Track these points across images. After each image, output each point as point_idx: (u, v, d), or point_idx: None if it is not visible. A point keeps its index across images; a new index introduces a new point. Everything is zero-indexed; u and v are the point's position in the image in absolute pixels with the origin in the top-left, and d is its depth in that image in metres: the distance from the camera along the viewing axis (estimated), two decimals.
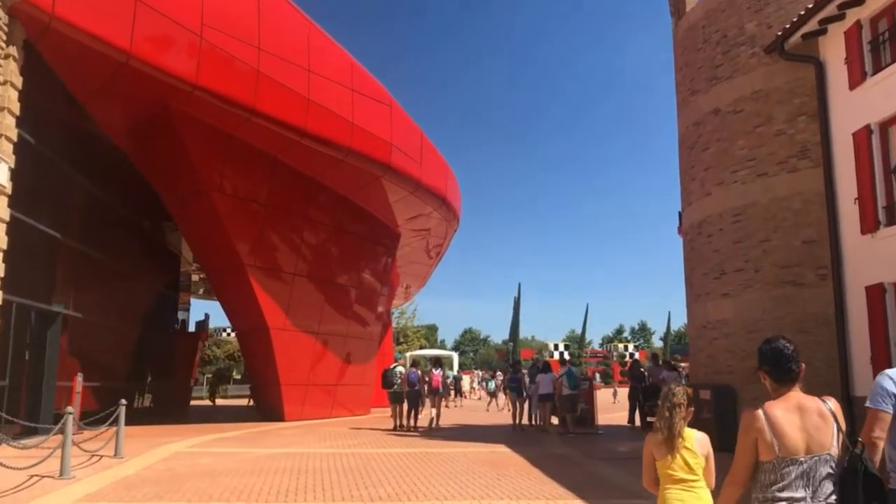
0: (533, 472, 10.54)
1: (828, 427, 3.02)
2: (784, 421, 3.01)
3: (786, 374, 3.12)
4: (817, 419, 3.03)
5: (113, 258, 19.72)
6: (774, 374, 3.14)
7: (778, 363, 3.12)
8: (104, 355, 19.72)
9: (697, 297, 14.58)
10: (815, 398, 3.11)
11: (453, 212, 24.58)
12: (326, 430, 17.65)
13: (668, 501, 3.89)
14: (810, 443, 2.99)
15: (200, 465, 10.90)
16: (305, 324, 20.68)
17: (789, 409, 3.04)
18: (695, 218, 14.75)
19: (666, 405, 3.98)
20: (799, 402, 3.07)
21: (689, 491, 3.86)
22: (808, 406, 3.06)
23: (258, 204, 18.84)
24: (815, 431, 3.00)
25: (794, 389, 3.11)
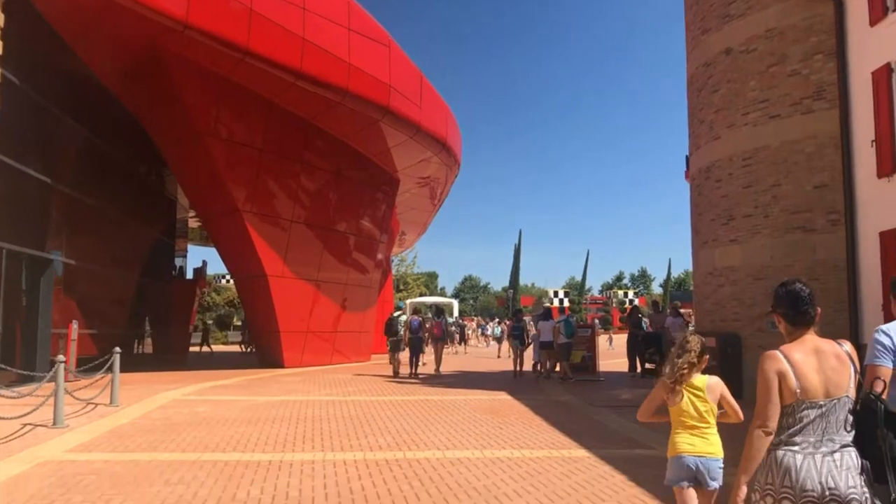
0: (535, 419, 10.38)
1: (845, 369, 3.00)
2: (804, 363, 2.97)
3: (802, 316, 3.07)
4: (834, 361, 3.00)
5: (108, 204, 19.34)
6: (790, 318, 3.09)
7: (795, 306, 3.07)
8: (101, 302, 19.51)
9: (704, 243, 14.25)
10: (831, 341, 3.07)
11: (454, 157, 24.06)
12: (326, 377, 17.55)
13: (677, 445, 4.02)
14: (829, 385, 2.96)
15: (197, 414, 10.73)
16: (304, 271, 20.41)
17: (807, 353, 3.00)
18: (703, 162, 14.33)
19: (678, 352, 4.07)
20: (815, 346, 3.03)
21: (700, 437, 3.98)
22: (825, 349, 3.03)
23: (254, 149, 18.38)
24: (833, 374, 2.98)
25: (809, 333, 3.07)
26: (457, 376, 18.50)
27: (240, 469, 6.96)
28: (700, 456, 3.97)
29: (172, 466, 7.04)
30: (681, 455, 4.01)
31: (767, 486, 2.96)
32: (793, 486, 2.86)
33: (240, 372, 18.58)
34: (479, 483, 6.42)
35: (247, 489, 6.18)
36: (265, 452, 7.83)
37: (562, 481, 6.50)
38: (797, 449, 2.92)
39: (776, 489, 2.92)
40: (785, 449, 2.95)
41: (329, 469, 7.00)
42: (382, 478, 6.64)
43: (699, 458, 3.96)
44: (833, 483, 2.84)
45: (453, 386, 15.45)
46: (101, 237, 19.22)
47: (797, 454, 2.91)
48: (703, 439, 3.99)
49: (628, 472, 6.84)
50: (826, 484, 2.84)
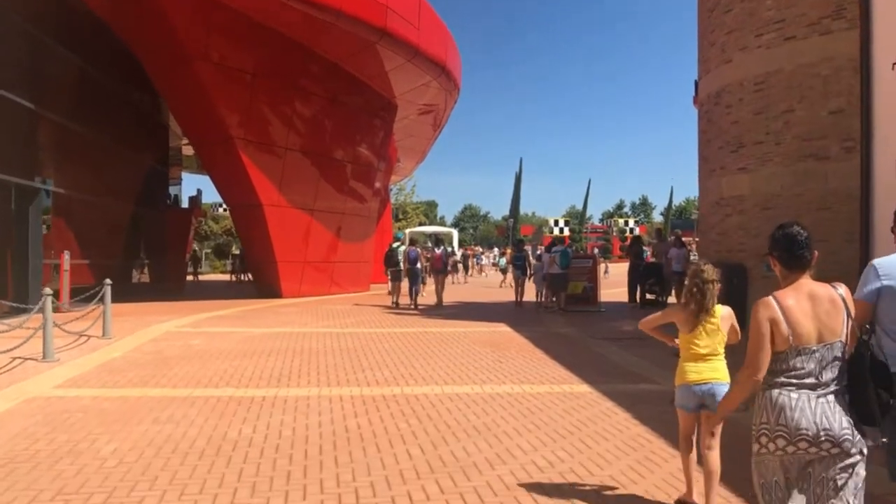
0: (535, 353, 10.19)
1: (839, 314, 2.97)
2: (797, 310, 2.94)
3: (797, 260, 3.03)
4: (828, 306, 2.97)
5: (98, 132, 18.76)
6: (785, 261, 3.06)
7: (790, 249, 3.04)
8: (95, 232, 19.15)
9: (711, 172, 13.81)
10: (826, 285, 3.03)
11: (453, 81, 23.25)
12: (324, 307, 17.38)
13: (686, 373, 4.15)
14: (822, 330, 2.94)
15: (191, 347, 10.53)
16: (300, 200, 20.00)
17: (801, 298, 2.97)
18: (713, 87, 13.74)
19: (696, 282, 4.11)
20: (810, 290, 2.99)
21: (708, 364, 4.11)
22: (820, 293, 2.99)
23: (246, 73, 17.70)
24: (827, 318, 2.95)
25: (804, 277, 3.03)
26: (457, 307, 18.34)
27: (232, 406, 6.75)
28: (707, 383, 4.08)
29: (162, 403, 6.83)
30: (689, 384, 4.14)
31: (762, 425, 2.96)
32: (787, 425, 2.87)
33: (237, 302, 18.40)
34: (478, 421, 6.21)
35: (238, 428, 5.97)
36: (259, 388, 7.62)
37: (564, 419, 6.30)
38: (792, 389, 2.92)
39: (771, 428, 2.92)
40: (779, 389, 2.94)
41: (324, 406, 6.79)
42: (379, 415, 6.43)
43: (707, 385, 4.08)
44: (827, 424, 2.85)
45: (453, 318, 15.28)
46: (92, 166, 18.72)
47: (791, 393, 2.91)
48: (710, 366, 4.10)
49: (632, 410, 6.64)
50: (820, 424, 2.85)
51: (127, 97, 20.91)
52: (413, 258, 18.33)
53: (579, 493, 4.45)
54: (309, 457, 5.16)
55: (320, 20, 17.00)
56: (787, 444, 2.89)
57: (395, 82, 21.72)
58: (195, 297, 20.93)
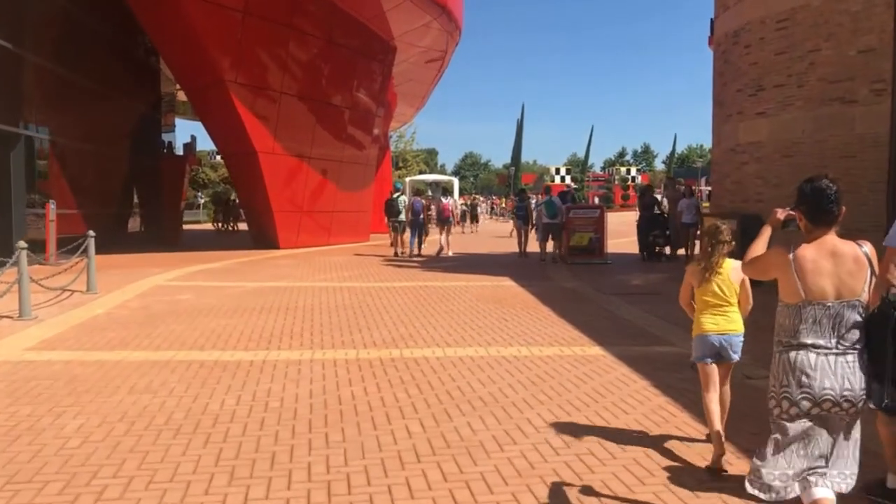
0: (541, 309, 9.65)
1: (862, 272, 2.88)
2: (813, 265, 2.87)
3: (825, 215, 2.92)
4: (852, 265, 2.87)
5: (85, 76, 17.98)
6: (812, 216, 2.94)
7: (818, 204, 2.92)
8: (86, 180, 18.57)
9: (728, 116, 13.07)
10: (851, 242, 2.92)
11: (454, 21, 22.22)
12: (322, 259, 16.83)
13: (702, 324, 4.30)
14: (841, 288, 2.86)
15: (179, 303, 9.99)
16: (296, 147, 19.28)
17: (822, 254, 2.89)
18: (731, 25, 12.90)
19: (711, 241, 4.25)
20: (833, 247, 2.89)
21: (723, 315, 4.25)
22: (844, 251, 2.89)
23: (236, 11, 16.76)
24: (848, 277, 2.87)
25: (830, 233, 2.92)
26: (459, 259, 17.78)
27: (216, 372, 6.22)
28: (723, 333, 4.23)
29: (141, 369, 6.30)
30: (706, 334, 4.27)
31: (783, 388, 2.90)
32: (811, 385, 2.82)
33: (233, 254, 17.84)
34: (483, 390, 5.68)
35: (221, 398, 5.45)
36: (247, 350, 7.09)
37: (577, 387, 5.77)
38: (809, 348, 2.86)
39: (792, 392, 2.87)
40: (797, 350, 2.88)
41: (317, 372, 6.26)
42: (376, 382, 5.91)
43: (723, 336, 4.23)
44: (849, 384, 2.82)
45: (455, 270, 14.72)
46: (79, 111, 18.00)
47: (810, 353, 2.85)
48: (725, 317, 4.25)
49: (651, 376, 6.10)
50: (842, 385, 2.81)
51: (116, 39, 20.02)
52: (417, 209, 17.99)
53: (603, 482, 3.92)
54: (297, 434, 4.64)
55: None
56: (811, 406, 2.85)
57: (393, 23, 20.75)
58: (190, 248, 20.36)
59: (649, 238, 16.76)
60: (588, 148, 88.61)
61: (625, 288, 12.07)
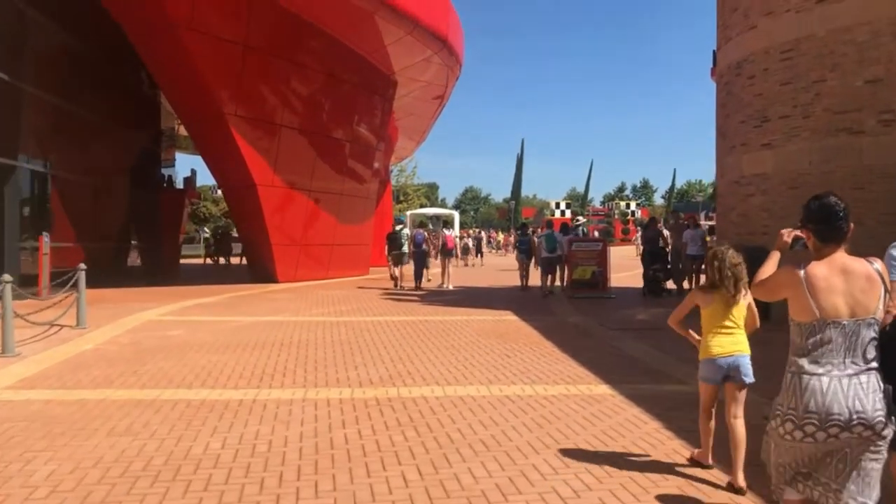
0: (545, 345, 9.32)
1: (874, 290, 2.81)
2: (825, 283, 2.80)
3: (834, 232, 2.88)
4: (864, 282, 2.81)
5: (84, 108, 17.94)
6: (821, 233, 2.90)
7: (827, 221, 2.88)
8: (84, 213, 18.46)
9: (731, 148, 12.86)
10: (862, 259, 2.87)
11: (455, 56, 22.21)
12: (320, 293, 16.52)
13: (710, 347, 4.32)
14: (854, 307, 2.79)
15: (171, 338, 9.67)
16: (296, 180, 19.09)
17: (833, 272, 2.82)
18: (734, 56, 12.76)
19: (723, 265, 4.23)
20: (844, 265, 2.84)
21: (729, 337, 4.28)
22: (855, 268, 2.83)
23: (236, 44, 16.69)
24: (861, 295, 2.80)
25: (839, 251, 2.88)
26: (461, 292, 17.47)
27: (203, 412, 5.89)
28: (730, 355, 4.25)
29: (125, 409, 5.97)
30: (714, 357, 4.29)
31: (790, 410, 2.82)
32: (818, 411, 2.74)
33: (230, 288, 17.55)
34: (485, 433, 5.34)
35: (206, 441, 5.12)
36: (237, 389, 6.76)
37: (586, 430, 5.43)
38: (822, 372, 2.78)
39: (798, 415, 2.78)
40: (809, 374, 2.80)
41: (309, 412, 5.93)
42: (371, 424, 5.57)
43: (730, 358, 4.25)
44: (860, 406, 2.72)
45: (456, 303, 14.40)
46: (78, 144, 17.96)
47: (822, 377, 2.77)
48: (731, 338, 4.27)
49: (662, 417, 5.77)
50: (853, 408, 2.72)
51: (115, 72, 19.95)
52: (419, 241, 18.10)
53: None
54: (284, 482, 4.29)
55: None
56: (816, 431, 2.75)
57: (394, 57, 20.73)
58: (187, 282, 20.06)
59: (650, 272, 16.21)
60: (588, 182, 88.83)
61: (630, 322, 11.74)
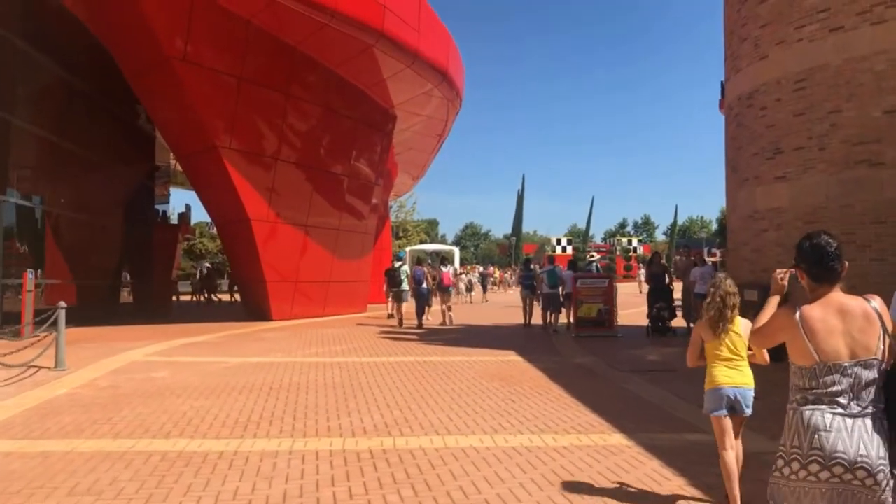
0: (552, 389, 8.73)
1: (873, 329, 2.70)
2: (823, 325, 2.70)
3: (827, 273, 2.81)
4: (862, 321, 2.71)
5: (76, 144, 17.57)
6: (814, 274, 2.83)
7: (819, 262, 2.82)
8: (76, 250, 18.02)
9: (743, 182, 12.42)
10: (859, 298, 2.77)
11: (455, 90, 21.93)
12: (315, 331, 15.94)
13: (716, 377, 4.43)
14: (854, 347, 2.68)
15: (153, 381, 9.08)
16: (292, 215, 18.65)
17: (829, 312, 2.73)
18: (744, 88, 12.39)
19: (718, 294, 4.41)
20: (840, 304, 2.74)
21: (735, 369, 4.40)
22: (852, 307, 2.73)
23: (231, 76, 16.38)
24: (860, 335, 2.69)
25: (834, 290, 2.79)
26: (461, 331, 16.90)
27: (178, 466, 5.31)
28: (737, 387, 4.37)
29: (92, 462, 5.39)
30: (720, 387, 4.40)
31: (794, 449, 2.69)
32: (822, 448, 2.61)
33: (222, 326, 16.98)
34: (491, 492, 4.76)
35: (178, 501, 4.54)
36: (218, 439, 6.18)
37: (603, 488, 4.84)
38: (825, 408, 2.66)
39: (804, 452, 2.65)
40: (812, 408, 2.68)
41: (295, 466, 5.34)
42: (363, 482, 4.99)
43: (737, 389, 4.36)
44: (864, 450, 2.58)
45: (456, 343, 13.82)
46: (69, 179, 17.54)
47: (826, 413, 2.65)
48: (737, 371, 4.39)
49: (686, 472, 5.19)
50: (858, 450, 2.58)
51: (110, 107, 19.64)
52: (419, 278, 17.76)
53: None
54: None
55: (313, 20, 15.73)
56: (820, 470, 2.62)
57: (393, 91, 20.45)
58: (180, 320, 19.48)
59: (654, 311, 15.11)
60: (589, 218, 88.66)
61: (640, 364, 11.15)
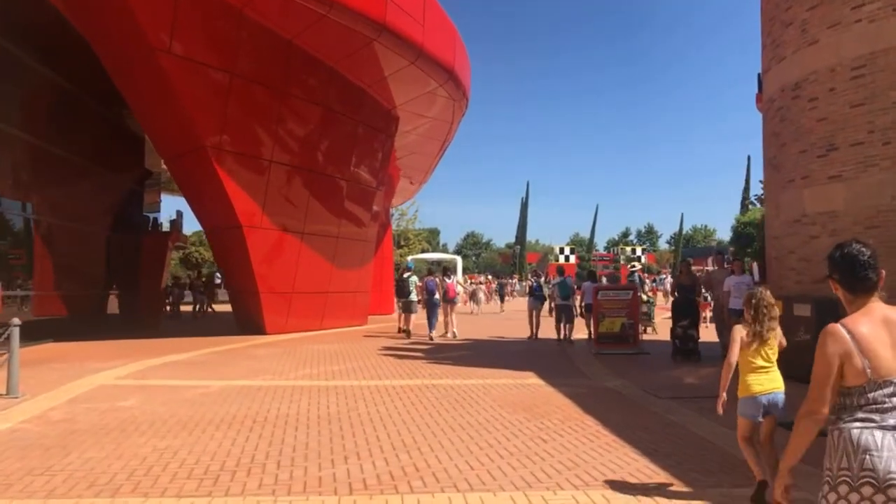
0: (587, 423, 7.40)
1: None
2: (873, 338, 2.48)
3: (861, 283, 2.61)
4: None
5: (60, 148, 16.35)
6: (849, 285, 2.65)
7: (852, 272, 2.62)
8: (63, 259, 16.91)
9: (788, 182, 11.10)
10: None
11: (462, 89, 20.61)
12: (311, 347, 14.60)
13: (750, 386, 4.67)
14: None
15: (116, 413, 7.74)
16: (287, 221, 17.36)
17: (875, 325, 2.51)
18: (789, 78, 11.10)
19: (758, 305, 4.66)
20: (884, 315, 2.55)
21: (767, 375, 4.67)
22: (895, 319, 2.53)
23: (222, 71, 15.11)
24: None
25: (873, 300, 2.60)
26: (469, 346, 15.56)
27: None
28: (769, 392, 4.63)
29: None
30: (756, 395, 4.64)
31: (842, 471, 2.43)
32: (875, 469, 2.35)
33: (211, 341, 15.67)
34: None
35: None
36: (180, 497, 4.85)
37: None
38: (874, 426, 2.42)
39: (854, 474, 2.39)
40: (861, 426, 2.43)
41: None
42: None
43: (770, 395, 4.63)
44: None
45: (467, 361, 12.46)
46: (54, 185, 16.38)
47: (875, 432, 2.40)
48: (769, 377, 4.67)
49: None
50: None
51: (95, 108, 18.39)
52: (431, 289, 17.11)
53: None
54: None
55: (310, 10, 14.48)
56: (874, 493, 2.35)
57: (396, 90, 19.19)
58: (167, 333, 18.15)
59: (678, 330, 12.96)
60: (594, 227, 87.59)
61: (679, 388, 9.79)
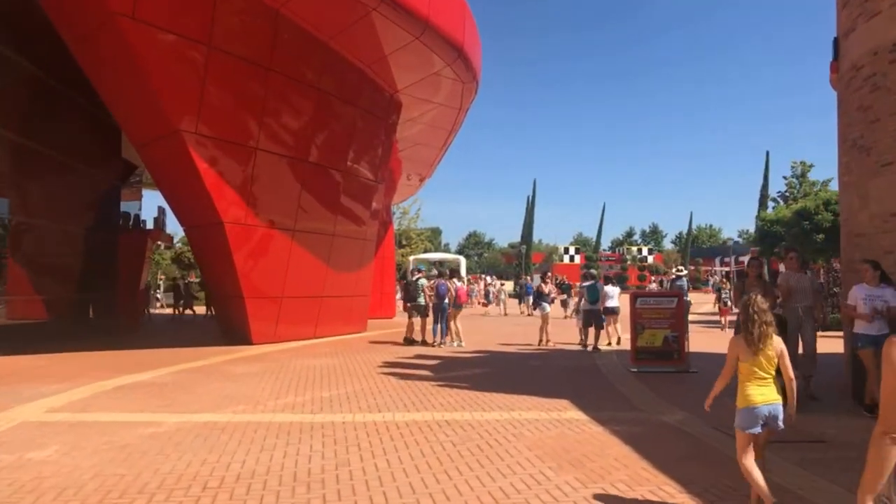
0: (666, 487, 5.36)
1: None
2: None
3: None
4: None
5: (21, 134, 14.41)
6: None
7: None
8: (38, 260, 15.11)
9: (883, 167, 9.05)
10: None
11: (472, 71, 18.44)
12: (300, 362, 12.57)
13: (750, 396, 4.56)
14: None
15: (18, 472, 5.69)
16: (276, 218, 15.35)
17: None
18: (880, 40, 9.06)
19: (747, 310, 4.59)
20: None
21: (766, 386, 4.57)
22: None
23: (197, 43, 13.07)
24: None
25: None
26: (483, 360, 13.50)
27: None
28: (770, 403, 4.53)
29: None
30: (756, 406, 4.52)
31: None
32: None
33: (187, 353, 13.68)
34: None
35: None
36: None
37: None
38: None
39: None
40: None
41: None
42: None
43: (770, 406, 4.53)
44: None
45: (485, 383, 10.36)
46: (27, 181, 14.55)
47: None
48: (769, 388, 4.55)
49: None
50: None
51: (67, 94, 16.40)
52: (442, 293, 16.08)
53: None
54: None
55: None
56: None
57: (398, 70, 17.15)
58: (144, 341, 16.14)
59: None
60: (600, 226, 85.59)
61: None
